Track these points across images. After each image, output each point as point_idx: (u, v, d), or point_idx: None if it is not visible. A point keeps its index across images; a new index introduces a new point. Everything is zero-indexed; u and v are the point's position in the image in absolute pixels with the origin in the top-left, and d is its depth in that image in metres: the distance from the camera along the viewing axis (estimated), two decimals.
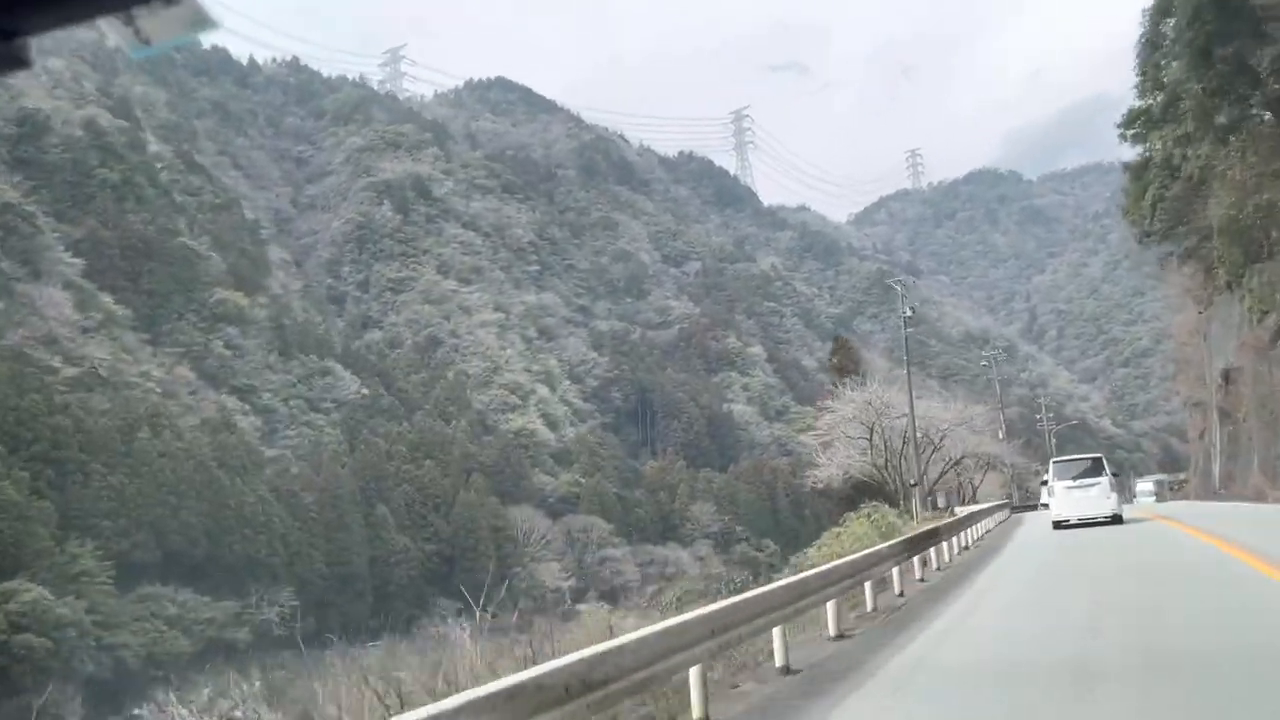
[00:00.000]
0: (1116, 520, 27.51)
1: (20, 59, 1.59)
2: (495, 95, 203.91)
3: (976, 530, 28.22)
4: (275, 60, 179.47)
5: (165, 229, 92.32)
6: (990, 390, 79.63)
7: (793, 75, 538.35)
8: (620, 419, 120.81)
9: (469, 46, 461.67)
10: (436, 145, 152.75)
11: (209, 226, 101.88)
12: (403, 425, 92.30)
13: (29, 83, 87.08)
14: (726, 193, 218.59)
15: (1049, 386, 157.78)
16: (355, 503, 75.89)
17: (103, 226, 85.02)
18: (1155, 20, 43.49)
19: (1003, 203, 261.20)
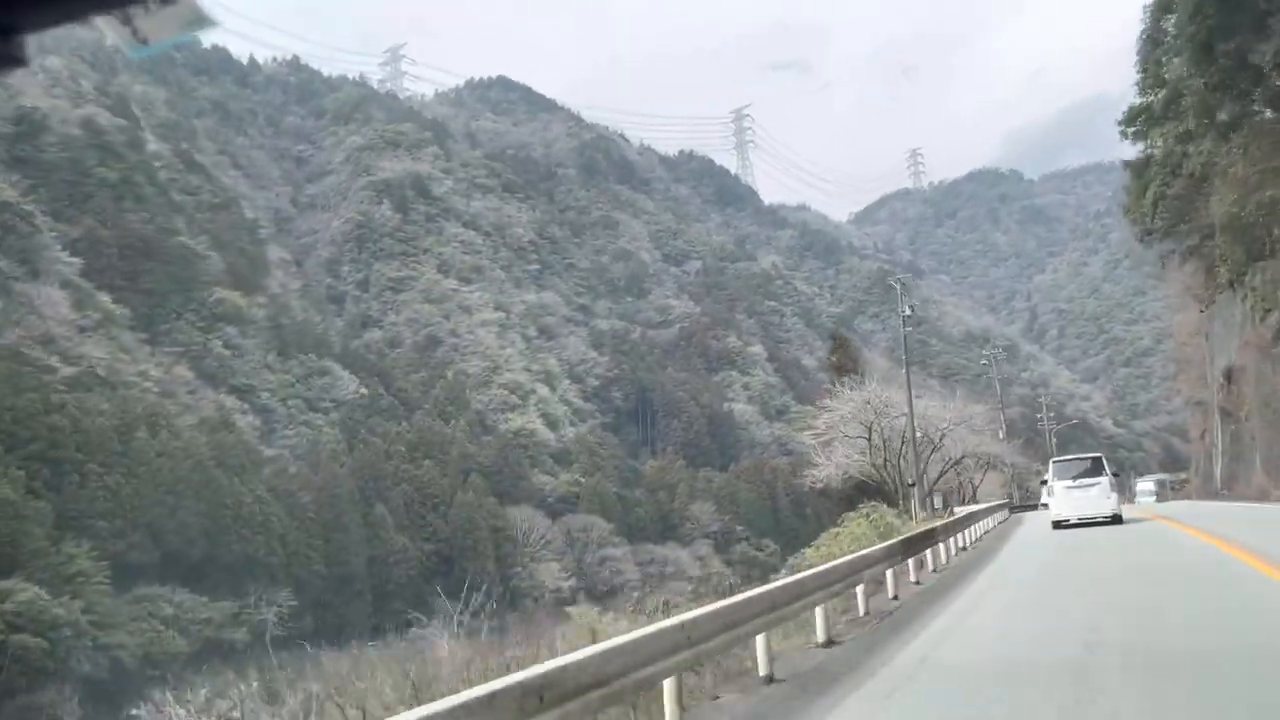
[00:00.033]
0: (1116, 520, 27.56)
1: (17, 57, 1.59)
2: (496, 94, 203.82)
3: (975, 531, 27.92)
4: (275, 59, 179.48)
5: (164, 228, 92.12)
6: (991, 390, 79.35)
7: (793, 74, 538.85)
8: (620, 418, 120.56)
9: (469, 46, 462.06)
10: (437, 144, 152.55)
11: (208, 226, 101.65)
12: (402, 425, 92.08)
13: (27, 81, 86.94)
14: (727, 192, 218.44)
15: (1050, 386, 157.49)
16: (354, 502, 75.64)
17: (101, 225, 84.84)
18: (1156, 16, 43.28)
19: (1003, 202, 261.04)
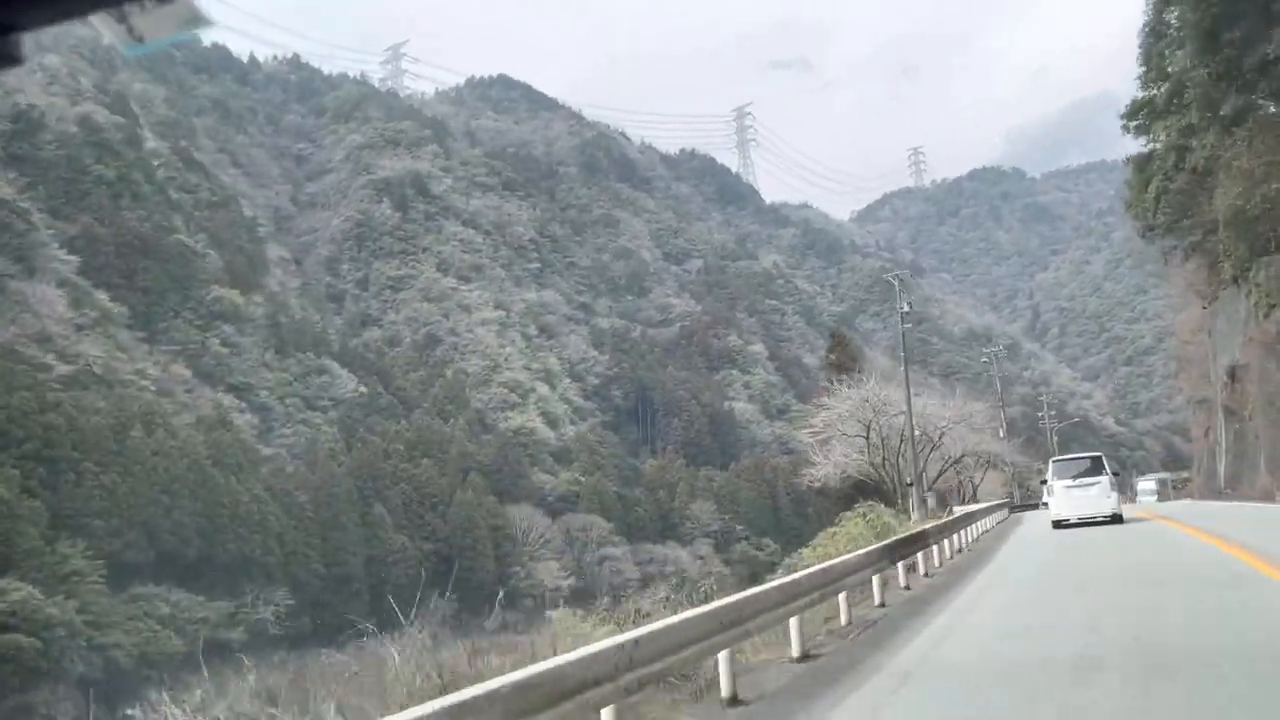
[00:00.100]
0: (1117, 520, 27.41)
1: (14, 55, 1.58)
2: (496, 93, 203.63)
3: (973, 531, 27.48)
4: (275, 58, 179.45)
5: (162, 226, 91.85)
6: (992, 388, 79.00)
7: (795, 73, 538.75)
8: (620, 417, 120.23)
9: (470, 45, 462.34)
10: (437, 143, 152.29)
11: (206, 224, 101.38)
12: (400, 423, 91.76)
13: (25, 79, 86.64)
14: (728, 190, 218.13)
15: (1051, 384, 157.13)
16: (352, 502, 75.34)
17: (98, 224, 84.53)
18: (1159, 8, 42.84)
19: (1006, 200, 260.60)
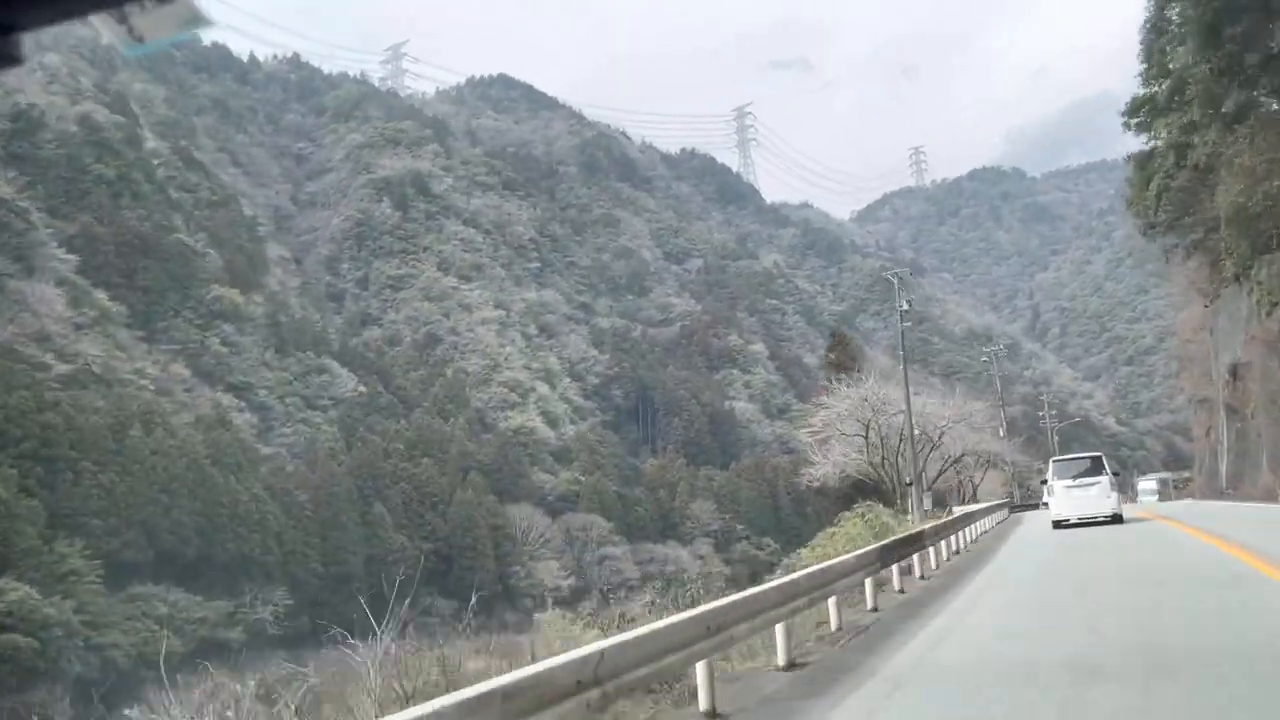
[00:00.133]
0: (1117, 520, 27.33)
1: (14, 55, 1.58)
2: (497, 92, 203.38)
3: (972, 532, 27.20)
4: (276, 57, 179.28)
5: (161, 225, 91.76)
6: (992, 387, 78.81)
7: (795, 73, 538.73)
8: (621, 417, 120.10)
9: (470, 45, 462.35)
10: (437, 142, 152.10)
11: (206, 223, 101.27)
12: (400, 423, 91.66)
13: (25, 78, 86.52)
14: (729, 190, 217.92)
15: (1052, 384, 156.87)
16: (351, 501, 75.22)
17: (97, 223, 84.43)
18: (1160, 4, 42.61)
19: (1006, 200, 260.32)
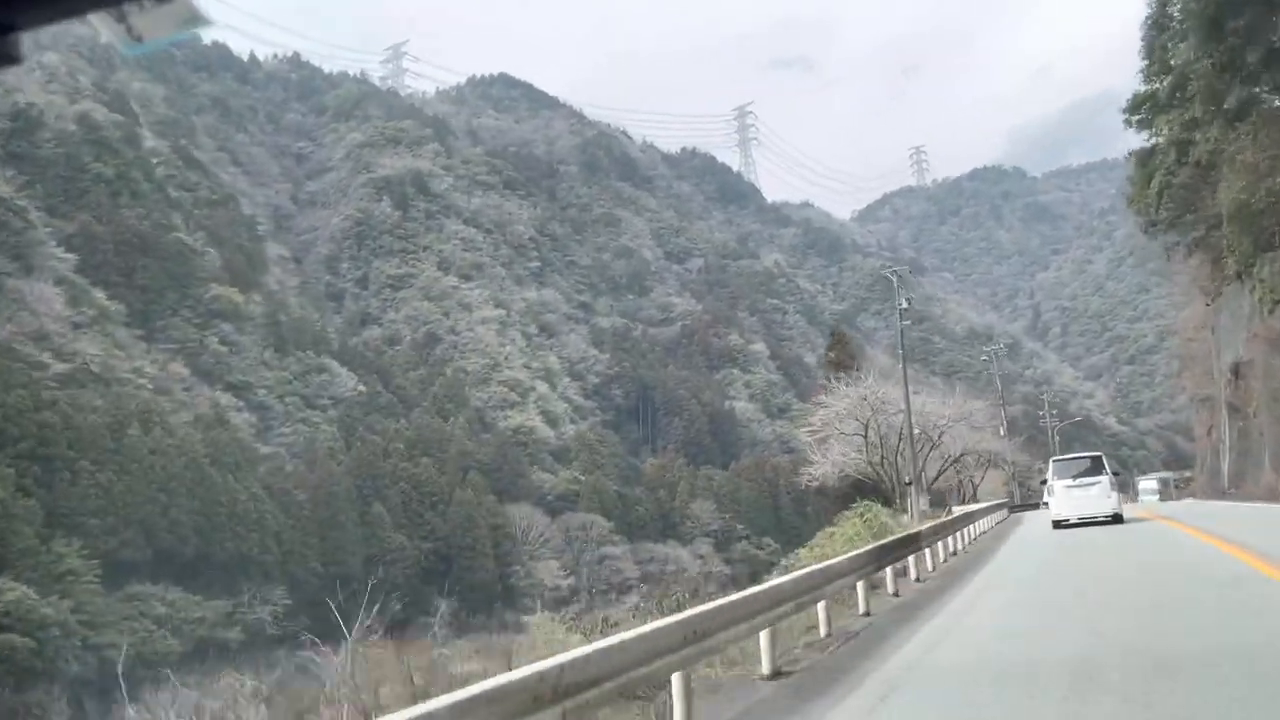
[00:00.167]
0: (1117, 520, 27.24)
1: (12, 55, 1.57)
2: (497, 92, 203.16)
3: (970, 533, 26.94)
4: (276, 56, 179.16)
5: (160, 224, 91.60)
6: (993, 387, 78.63)
7: (796, 72, 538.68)
8: (621, 416, 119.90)
9: (471, 45, 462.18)
10: (437, 141, 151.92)
11: (205, 222, 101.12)
12: (400, 422, 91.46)
13: (24, 77, 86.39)
14: (729, 189, 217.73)
15: (1053, 384, 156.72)
16: (351, 500, 75.05)
17: (96, 222, 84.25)
18: (1162, 0, 42.37)
19: (1007, 199, 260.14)
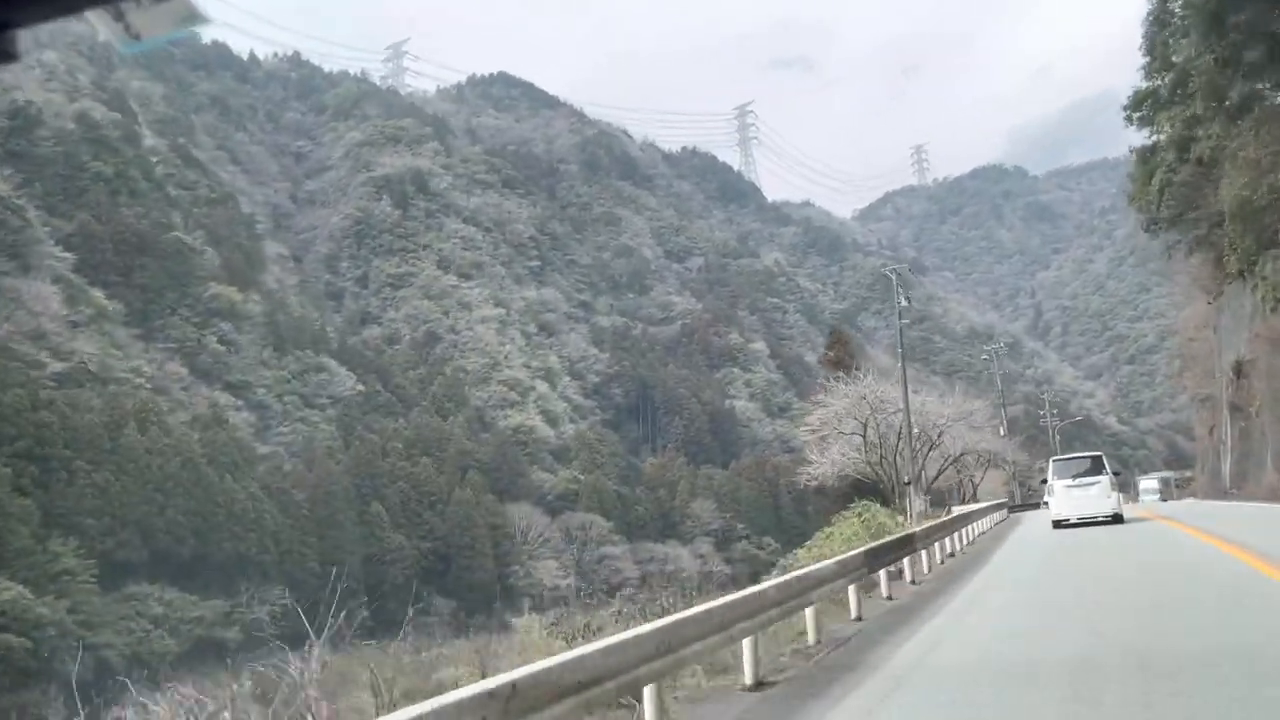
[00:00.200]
0: (1117, 520, 27.14)
1: (9, 52, 1.57)
2: (498, 91, 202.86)
3: (970, 533, 26.63)
4: (276, 55, 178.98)
5: (159, 223, 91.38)
6: (994, 386, 78.38)
7: (797, 71, 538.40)
8: (621, 415, 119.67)
9: (471, 45, 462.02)
10: (437, 140, 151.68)
11: (204, 221, 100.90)
12: (399, 422, 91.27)
13: (22, 75, 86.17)
14: (730, 188, 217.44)
15: (1054, 383, 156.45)
16: (349, 500, 74.84)
17: (95, 221, 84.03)
18: None
19: (1008, 199, 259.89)
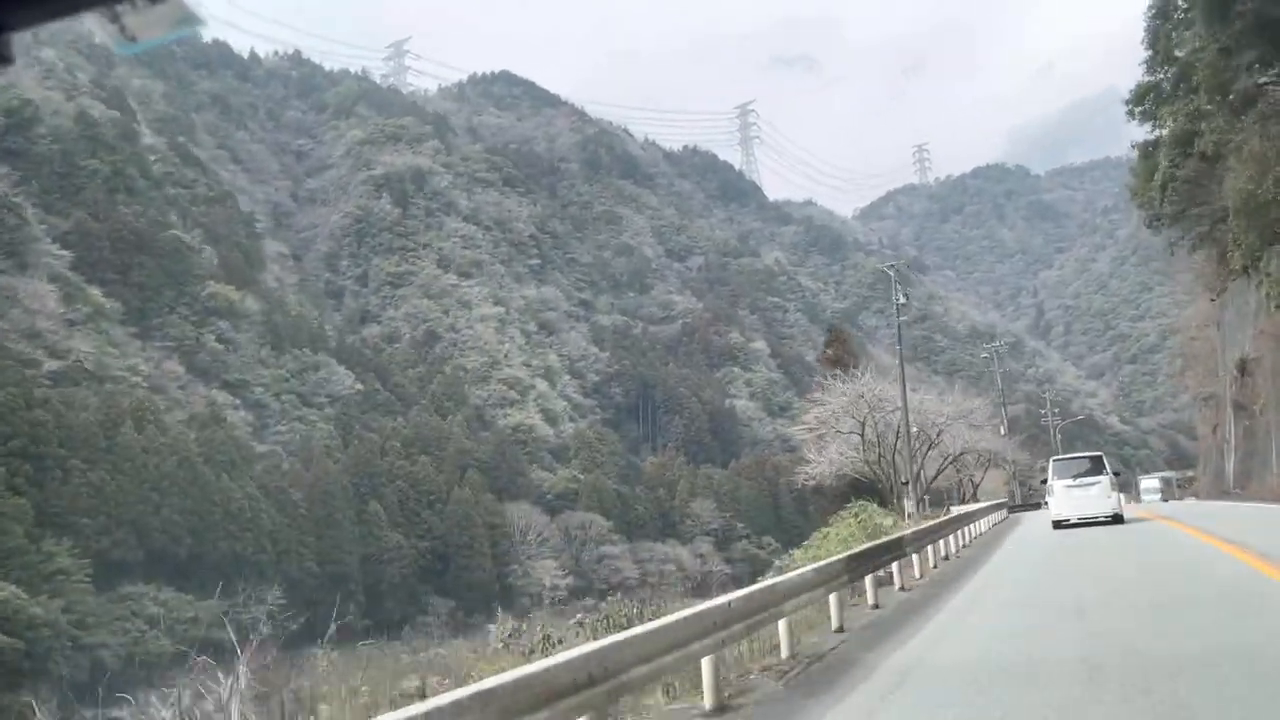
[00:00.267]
0: (1117, 520, 26.96)
1: (4, 55, 1.57)
2: (499, 89, 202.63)
3: (965, 535, 25.92)
4: (277, 54, 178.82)
5: (157, 222, 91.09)
6: (995, 385, 77.97)
7: (798, 71, 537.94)
8: (621, 414, 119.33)
9: (472, 45, 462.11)
10: (438, 138, 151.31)
11: (203, 219, 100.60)
12: (398, 421, 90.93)
13: (21, 73, 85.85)
14: (731, 187, 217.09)
15: (1055, 382, 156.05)
16: (347, 499, 74.50)
17: (92, 219, 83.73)
18: None
19: (1010, 198, 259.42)
